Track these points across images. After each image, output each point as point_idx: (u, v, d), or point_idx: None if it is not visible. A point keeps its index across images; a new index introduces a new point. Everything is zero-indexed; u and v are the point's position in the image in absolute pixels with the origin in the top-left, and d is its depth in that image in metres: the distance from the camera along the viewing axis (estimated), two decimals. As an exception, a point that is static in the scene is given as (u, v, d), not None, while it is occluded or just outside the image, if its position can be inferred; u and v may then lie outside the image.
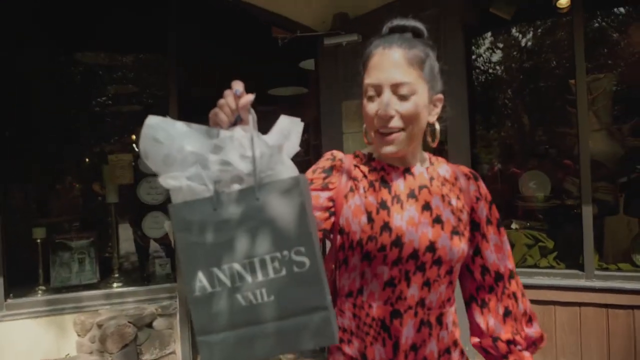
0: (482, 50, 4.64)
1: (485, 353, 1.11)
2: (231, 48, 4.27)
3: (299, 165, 1.05)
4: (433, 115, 1.08)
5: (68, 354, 3.15)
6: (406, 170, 1.09)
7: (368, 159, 1.12)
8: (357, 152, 1.14)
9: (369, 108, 1.04)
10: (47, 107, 4.07)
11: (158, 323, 3.21)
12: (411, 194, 1.06)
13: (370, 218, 1.02)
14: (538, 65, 4.50)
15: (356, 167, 1.09)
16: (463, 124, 2.94)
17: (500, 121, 4.63)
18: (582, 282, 2.84)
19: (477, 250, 1.10)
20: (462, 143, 2.94)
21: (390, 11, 3.21)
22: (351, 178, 1.07)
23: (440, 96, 1.10)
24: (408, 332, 1.00)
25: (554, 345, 2.87)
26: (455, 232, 1.03)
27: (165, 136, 0.70)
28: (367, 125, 1.06)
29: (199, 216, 0.67)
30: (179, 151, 0.70)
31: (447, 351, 1.04)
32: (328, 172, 1.07)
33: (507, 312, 1.08)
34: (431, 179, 1.09)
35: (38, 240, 3.40)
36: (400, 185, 1.07)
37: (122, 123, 4.30)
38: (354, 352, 1.04)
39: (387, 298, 1.00)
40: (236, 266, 0.66)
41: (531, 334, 1.09)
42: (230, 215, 0.67)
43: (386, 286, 1.00)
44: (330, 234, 1.08)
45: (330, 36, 3.31)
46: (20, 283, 3.35)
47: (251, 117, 0.74)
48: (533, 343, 1.09)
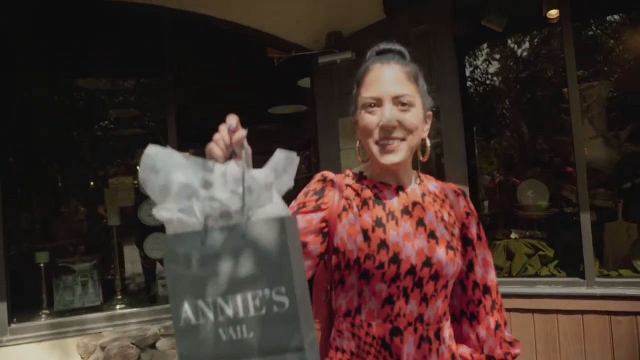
0: (477, 62, 4.70)
1: None
2: (230, 68, 4.35)
3: (302, 181, 1.09)
4: (425, 131, 1.12)
5: (72, 378, 3.15)
6: (399, 187, 1.10)
7: (360, 177, 1.13)
8: (348, 171, 1.15)
9: (369, 120, 1.05)
10: (50, 132, 4.14)
11: (161, 343, 3.21)
12: (405, 210, 1.07)
13: (366, 236, 1.02)
14: (532, 74, 4.55)
15: (348, 186, 1.10)
16: (458, 136, 2.98)
17: (497, 131, 4.67)
18: (584, 290, 2.83)
19: (470, 266, 1.13)
20: (458, 155, 2.97)
21: (382, 28, 3.28)
22: (343, 197, 1.08)
23: (430, 113, 1.13)
24: (409, 349, 1.00)
25: (558, 354, 2.85)
26: (449, 247, 1.06)
27: (162, 167, 0.72)
28: (365, 137, 1.07)
29: (188, 249, 0.69)
30: (175, 183, 0.72)
31: None
32: (320, 194, 1.07)
33: (498, 326, 1.13)
34: (423, 195, 1.11)
35: (41, 264, 3.43)
36: (394, 202, 1.08)
37: (124, 146, 4.36)
38: None
39: (387, 316, 1.01)
40: (220, 300, 0.68)
41: (516, 351, 1.14)
42: (216, 250, 0.69)
43: (385, 304, 1.01)
44: (324, 255, 1.08)
45: (324, 54, 3.37)
46: (23, 307, 3.37)
47: (244, 152, 0.76)
48: (514, 357, 1.15)
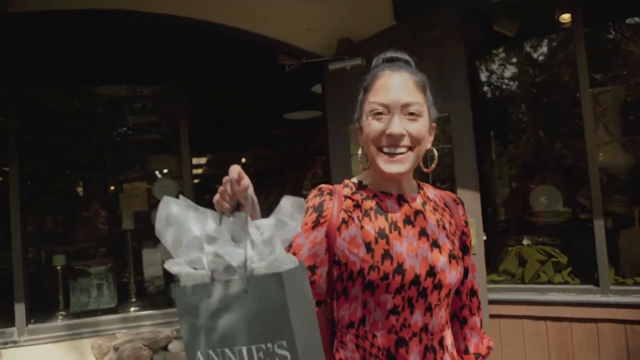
0: (489, 67, 4.67)
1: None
2: (245, 75, 4.41)
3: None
4: (429, 142, 1.11)
5: (86, 378, 3.22)
6: (400, 196, 1.09)
7: (359, 187, 1.11)
8: (347, 181, 1.14)
9: (376, 127, 1.03)
10: (70, 139, 4.26)
11: (173, 346, 3.26)
12: (407, 220, 1.06)
13: (369, 248, 1.01)
14: (546, 79, 4.49)
15: (347, 198, 1.08)
16: (468, 142, 2.96)
17: (513, 137, 4.62)
18: (598, 298, 2.78)
19: (466, 272, 1.16)
20: (469, 161, 2.95)
21: (392, 35, 3.30)
22: (342, 209, 1.06)
23: (434, 125, 1.12)
24: None
25: (572, 363, 2.79)
26: (452, 256, 1.06)
27: (174, 219, 0.76)
28: (370, 144, 1.05)
29: (197, 301, 0.73)
30: (185, 235, 0.75)
31: None
32: (319, 209, 1.05)
33: (481, 324, 1.20)
34: (424, 204, 1.11)
35: (58, 267, 3.53)
36: (396, 212, 1.07)
37: (141, 152, 4.45)
38: None
39: (392, 326, 1.00)
40: (228, 352, 0.71)
41: (490, 342, 1.20)
42: (222, 303, 0.71)
43: (390, 314, 1.00)
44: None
45: (334, 61, 3.40)
46: (41, 309, 3.47)
47: (249, 203, 0.77)
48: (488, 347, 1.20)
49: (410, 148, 1.03)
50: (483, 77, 4.67)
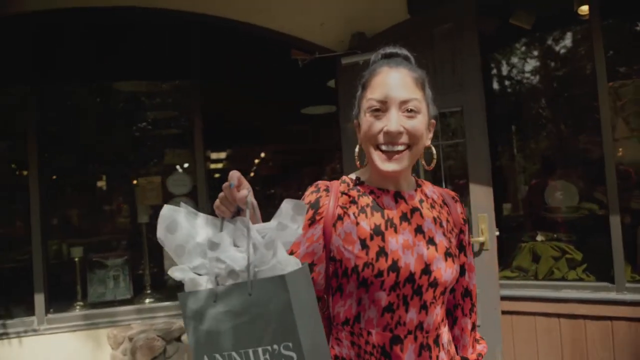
0: (505, 61, 4.59)
1: None
2: (260, 70, 4.43)
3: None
4: (428, 139, 1.09)
5: (103, 366, 3.30)
6: (397, 193, 1.08)
7: (356, 183, 1.10)
8: (345, 177, 1.13)
9: (373, 124, 1.01)
10: (88, 134, 4.36)
11: (186, 337, 3.31)
12: (404, 217, 1.05)
13: (364, 244, 1.00)
14: (565, 72, 4.41)
15: (344, 194, 1.07)
16: (482, 136, 2.93)
17: (529, 131, 4.55)
18: (613, 295, 2.72)
19: (463, 271, 1.15)
20: (482, 155, 2.92)
21: (406, 28, 3.28)
22: (338, 205, 1.05)
23: (433, 121, 1.10)
24: (409, 358, 0.99)
25: (586, 361, 2.75)
26: (448, 254, 1.05)
27: (175, 227, 0.77)
28: (367, 141, 1.04)
29: (202, 306, 0.74)
30: (187, 242, 0.77)
31: None
32: (315, 206, 1.04)
33: (473, 327, 1.17)
34: (421, 202, 1.09)
35: (76, 259, 3.62)
36: (392, 209, 1.06)
37: (157, 146, 4.52)
38: None
39: (386, 324, 0.99)
40: (234, 355, 0.72)
41: (484, 350, 1.18)
42: (227, 307, 0.72)
43: (385, 312, 0.99)
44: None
45: (347, 56, 3.39)
46: (60, 299, 3.57)
47: (249, 208, 0.77)
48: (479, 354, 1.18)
49: (408, 145, 1.01)
50: (499, 71, 4.60)
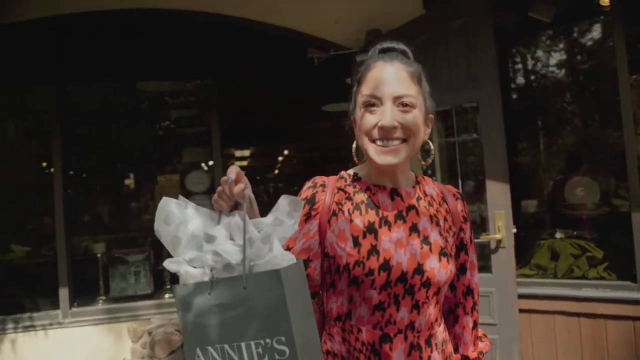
0: (525, 54, 4.50)
1: None
2: (283, 68, 4.46)
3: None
4: (426, 134, 1.07)
5: (124, 358, 3.40)
6: (393, 190, 1.06)
7: (353, 180, 1.09)
8: (342, 173, 1.12)
9: (369, 119, 1.01)
10: (117, 132, 4.49)
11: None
12: (399, 215, 1.04)
13: (356, 242, 1.00)
14: (587, 66, 4.30)
15: (340, 190, 1.07)
16: (497, 132, 2.88)
17: (550, 126, 4.45)
18: (635, 295, 2.64)
19: (464, 269, 1.13)
20: (498, 151, 2.88)
21: (421, 24, 3.25)
22: (334, 201, 1.05)
23: (431, 116, 1.09)
24: (399, 357, 0.98)
25: (606, 361, 2.69)
26: (443, 254, 1.03)
27: (173, 219, 0.78)
28: (363, 136, 1.03)
29: (196, 299, 0.74)
30: (184, 234, 0.77)
31: None
32: (311, 201, 1.04)
33: (475, 325, 1.16)
34: (418, 199, 1.07)
35: (98, 254, 3.74)
36: (388, 206, 1.04)
37: (178, 145, 4.61)
38: None
39: (377, 322, 0.99)
40: (227, 347, 0.73)
41: (485, 347, 1.17)
42: (221, 300, 0.72)
43: (375, 310, 0.99)
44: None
45: (362, 53, 3.39)
46: (84, 293, 3.69)
47: (246, 202, 0.78)
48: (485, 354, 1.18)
49: (403, 140, 1.00)
50: (519, 65, 4.51)
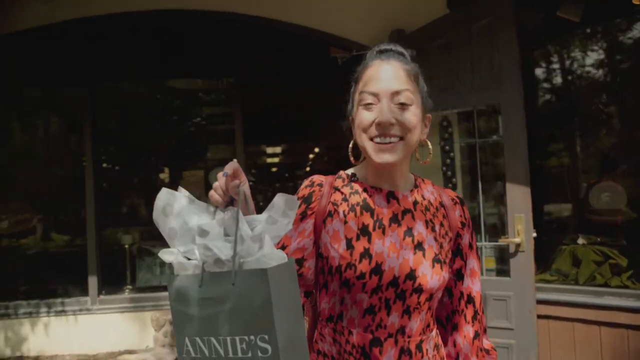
0: (553, 55, 4.38)
1: None
2: (313, 66, 4.50)
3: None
4: (424, 133, 1.07)
5: (147, 346, 3.54)
6: (390, 193, 1.05)
7: (350, 180, 1.08)
8: (341, 173, 1.10)
9: (366, 116, 1.00)
10: (150, 128, 4.67)
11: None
12: (394, 219, 1.03)
13: (349, 244, 0.99)
14: (621, 67, 4.14)
15: (337, 190, 1.06)
16: (520, 134, 2.84)
17: (576, 130, 4.32)
18: (660, 305, 2.56)
19: (460, 275, 1.11)
20: (520, 154, 2.83)
21: (444, 24, 3.23)
22: (330, 202, 1.04)
23: (429, 116, 1.08)
24: None
25: (627, 373, 2.61)
26: (437, 260, 1.02)
27: (170, 210, 0.78)
28: (360, 134, 1.02)
29: (187, 290, 0.75)
30: (181, 226, 0.78)
31: None
32: (308, 201, 1.04)
33: (476, 335, 1.11)
34: (415, 203, 1.06)
35: (126, 246, 3.90)
36: (383, 209, 1.03)
37: (204, 141, 4.74)
38: None
39: (367, 325, 0.98)
40: (213, 340, 0.74)
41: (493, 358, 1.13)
42: (211, 294, 0.74)
43: (366, 313, 0.98)
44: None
45: (384, 52, 3.39)
46: (112, 282, 3.86)
47: (241, 198, 0.79)
48: None
49: (400, 137, 1.00)
50: (546, 66, 4.40)
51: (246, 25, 3.66)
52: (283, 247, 1.00)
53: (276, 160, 12.45)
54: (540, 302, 2.78)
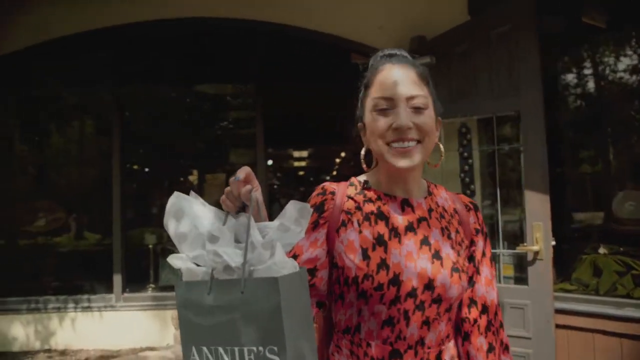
0: (578, 61, 4.29)
1: None
2: (338, 72, 4.56)
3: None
4: (435, 137, 1.05)
5: (168, 343, 3.64)
6: (404, 201, 1.03)
7: (364, 187, 1.05)
8: (353, 180, 1.08)
9: (381, 122, 0.99)
10: (166, 132, 4.82)
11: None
12: (410, 227, 1.00)
13: (365, 255, 0.97)
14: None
15: (350, 199, 1.03)
16: (539, 141, 2.81)
17: (599, 138, 4.21)
18: (684, 318, 2.49)
19: (471, 282, 1.08)
20: (539, 162, 2.80)
21: (465, 30, 3.23)
22: (343, 210, 1.01)
23: (439, 119, 1.06)
24: None
25: (648, 387, 2.54)
26: (455, 269, 0.99)
27: (182, 215, 0.76)
28: (376, 140, 1.00)
29: (195, 297, 0.73)
30: (191, 231, 0.76)
31: None
32: (320, 209, 1.01)
33: (491, 348, 1.06)
34: (430, 211, 1.04)
35: (150, 245, 4.03)
36: (398, 217, 1.01)
37: (230, 145, 4.86)
38: None
39: (386, 337, 0.96)
40: (221, 350, 0.72)
41: None
42: (219, 302, 0.71)
43: (384, 325, 0.96)
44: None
45: (404, 59, 3.41)
46: (136, 280, 3.99)
47: (252, 205, 0.76)
48: None
49: (418, 141, 0.98)
50: (569, 73, 4.32)
51: (271, 32, 3.74)
52: (294, 257, 0.97)
53: (303, 164, 12.53)
54: (559, 312, 2.73)
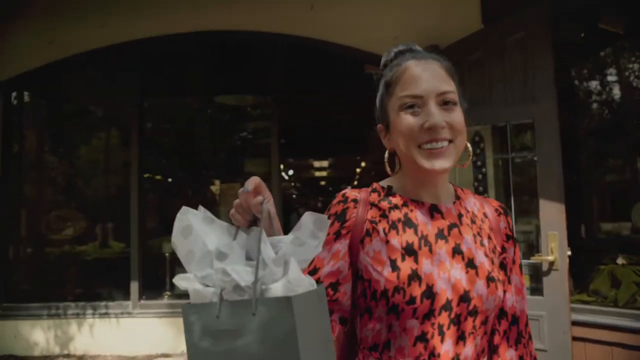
0: (596, 69, 4.23)
1: None
2: (357, 81, 4.61)
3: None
4: (466, 135, 0.98)
5: (182, 351, 3.67)
6: (433, 207, 0.95)
7: (388, 193, 0.97)
8: (375, 185, 1.00)
9: (411, 122, 0.91)
10: (199, 141, 4.91)
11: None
12: (440, 235, 0.93)
13: (394, 266, 0.89)
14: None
15: (374, 206, 0.95)
16: (554, 150, 2.78)
17: (616, 147, 4.13)
18: None
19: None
20: (554, 171, 2.77)
21: (478, 39, 3.24)
22: (367, 219, 0.94)
23: (465, 116, 0.99)
24: None
25: (669, 403, 2.45)
26: (490, 279, 0.92)
27: (189, 232, 0.72)
28: (405, 142, 0.92)
29: (203, 320, 0.68)
30: (199, 248, 0.71)
31: None
32: (342, 218, 0.94)
33: None
34: (460, 216, 0.96)
35: (166, 253, 4.10)
36: (427, 224, 0.93)
37: (246, 155, 4.93)
38: None
39: (419, 355, 0.88)
40: None
41: None
42: (228, 325, 0.66)
43: (417, 342, 0.88)
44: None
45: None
46: (153, 288, 4.06)
47: (263, 218, 0.72)
48: None
49: (450, 140, 0.91)
50: (585, 81, 4.26)
51: (290, 45, 3.80)
52: (315, 271, 0.91)
53: (324, 174, 12.53)
54: (576, 324, 2.67)
